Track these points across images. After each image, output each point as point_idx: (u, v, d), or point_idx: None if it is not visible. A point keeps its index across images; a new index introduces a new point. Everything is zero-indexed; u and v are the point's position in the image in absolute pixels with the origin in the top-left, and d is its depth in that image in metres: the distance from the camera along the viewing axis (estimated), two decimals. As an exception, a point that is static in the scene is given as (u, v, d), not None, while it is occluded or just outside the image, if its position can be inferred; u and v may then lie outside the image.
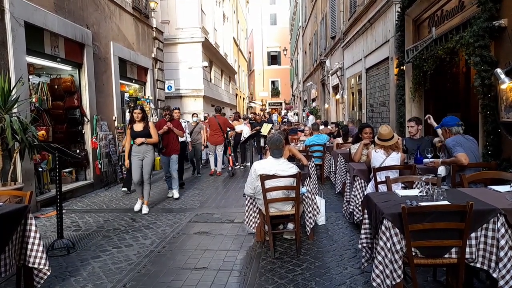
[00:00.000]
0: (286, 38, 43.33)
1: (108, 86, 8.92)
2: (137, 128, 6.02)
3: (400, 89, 8.16)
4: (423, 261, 2.64)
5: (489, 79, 4.68)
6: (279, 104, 45.80)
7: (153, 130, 6.07)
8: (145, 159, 6.00)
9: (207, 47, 17.29)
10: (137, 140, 5.95)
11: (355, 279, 3.37)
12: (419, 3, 7.15)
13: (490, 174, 3.76)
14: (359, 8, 11.48)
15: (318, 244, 4.29)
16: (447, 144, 4.08)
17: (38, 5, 6.41)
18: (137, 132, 6.00)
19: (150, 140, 6.02)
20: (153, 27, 11.87)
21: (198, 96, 16.32)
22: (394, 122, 8.51)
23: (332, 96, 17.52)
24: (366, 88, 11.38)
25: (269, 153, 4.18)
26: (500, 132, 4.67)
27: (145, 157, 6.01)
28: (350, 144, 6.47)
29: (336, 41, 15.37)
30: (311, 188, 4.45)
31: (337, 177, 6.86)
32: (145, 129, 6.00)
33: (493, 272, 2.52)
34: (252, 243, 4.40)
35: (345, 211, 5.22)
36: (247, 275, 3.52)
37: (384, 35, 9.16)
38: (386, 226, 2.60)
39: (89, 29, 8.07)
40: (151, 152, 6.10)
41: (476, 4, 4.95)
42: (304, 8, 27.39)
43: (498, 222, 2.52)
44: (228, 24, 24.99)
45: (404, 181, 4.04)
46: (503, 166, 4.49)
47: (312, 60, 23.99)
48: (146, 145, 6.02)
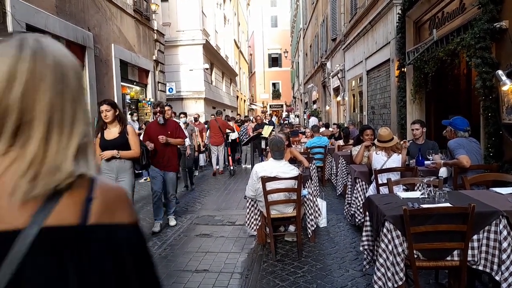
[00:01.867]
0: (287, 40, 43.37)
1: (109, 88, 8.94)
2: (108, 135, 4.05)
3: (401, 91, 8.16)
4: (425, 264, 2.63)
5: (490, 81, 4.67)
6: (280, 106, 45.80)
7: (133, 138, 4.10)
8: (120, 181, 4.05)
9: (208, 49, 17.31)
10: (104, 153, 3.97)
11: (356, 281, 3.35)
12: (420, 5, 7.15)
13: (492, 176, 3.75)
14: (359, 10, 11.49)
15: (320, 246, 4.28)
16: (449, 146, 4.07)
17: (39, 7, 6.43)
18: (108, 141, 4.02)
19: (125, 153, 4.04)
20: (154, 29, 11.89)
21: (199, 98, 16.34)
22: (395, 124, 8.50)
23: (333, 98, 17.51)
24: (367, 90, 11.37)
25: (270, 155, 4.17)
26: (502, 134, 4.65)
27: (119, 178, 4.08)
28: (351, 146, 6.47)
29: (337, 43, 15.38)
30: (312, 190, 4.44)
31: (338, 179, 6.85)
32: (121, 137, 4.05)
33: (496, 275, 2.50)
34: (253, 245, 4.39)
35: (347, 213, 5.21)
36: (249, 278, 3.51)
37: (385, 37, 9.16)
38: (388, 228, 2.59)
39: (91, 31, 8.09)
40: (129, 172, 4.19)
41: (477, 6, 4.95)
42: (304, 10, 27.43)
43: (500, 224, 2.51)
44: (229, 26, 25.03)
45: (405, 183, 4.04)
46: (505, 168, 4.47)
47: (313, 62, 24.00)
48: (120, 161, 4.06)
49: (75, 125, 0.66)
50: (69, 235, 0.60)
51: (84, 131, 0.67)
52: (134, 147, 4.10)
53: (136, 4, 10.46)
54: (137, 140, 4.21)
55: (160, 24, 12.43)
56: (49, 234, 0.59)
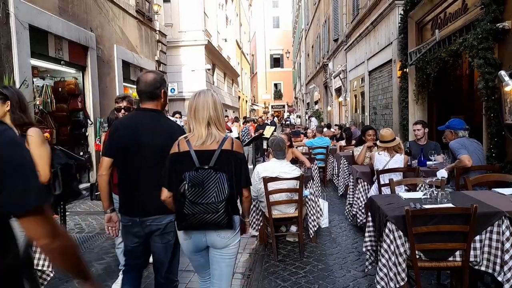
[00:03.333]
0: (288, 40, 43.40)
1: (111, 88, 8.96)
2: None
3: (403, 91, 8.15)
4: (427, 264, 2.63)
5: (493, 81, 4.66)
6: (282, 107, 45.81)
7: (36, 150, 2.37)
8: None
9: (210, 50, 17.33)
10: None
11: (358, 282, 3.35)
12: (422, 5, 7.15)
13: (494, 177, 3.74)
14: (361, 10, 11.48)
15: (321, 246, 4.28)
16: (451, 147, 4.06)
17: (42, 8, 6.45)
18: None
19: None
20: (156, 30, 11.92)
21: (201, 99, 16.34)
22: (398, 124, 8.49)
23: (335, 98, 17.50)
24: (369, 90, 11.36)
25: (272, 155, 4.17)
26: (504, 134, 4.64)
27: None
28: (353, 147, 6.46)
29: (339, 44, 15.38)
30: (314, 191, 4.44)
31: (340, 180, 6.85)
32: None
33: (498, 276, 2.50)
34: (255, 245, 4.39)
35: (348, 214, 5.21)
36: (250, 278, 3.51)
37: (387, 37, 9.15)
38: (390, 228, 2.58)
39: (93, 32, 8.11)
40: None
41: (480, 6, 4.94)
42: (306, 10, 27.44)
43: (503, 225, 2.51)
44: (231, 27, 25.06)
45: (407, 183, 4.03)
46: (507, 168, 4.46)
47: (314, 62, 24.00)
48: None
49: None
50: (228, 152, 2.06)
51: None
52: (40, 167, 2.30)
53: (138, 5, 10.49)
54: (45, 154, 2.46)
55: (162, 25, 12.46)
56: (223, 152, 2.05)
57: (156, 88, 2.27)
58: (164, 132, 2.25)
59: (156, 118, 2.29)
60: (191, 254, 2.23)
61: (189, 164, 2.01)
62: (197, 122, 2.07)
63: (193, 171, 1.96)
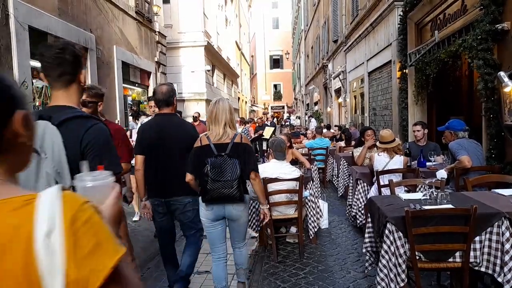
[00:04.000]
0: (288, 41, 43.43)
1: (111, 89, 8.95)
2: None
3: (402, 92, 8.15)
4: (427, 265, 2.63)
5: (492, 82, 4.66)
6: (281, 108, 45.82)
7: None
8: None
9: (210, 51, 17.33)
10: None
11: (358, 283, 3.35)
12: (422, 6, 7.15)
13: (494, 178, 3.74)
14: (361, 12, 11.49)
15: (321, 247, 4.27)
16: (450, 147, 4.07)
17: (42, 9, 6.45)
18: None
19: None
20: (156, 31, 11.92)
21: (201, 100, 16.35)
22: (397, 125, 8.49)
23: (334, 99, 17.51)
24: (368, 91, 11.37)
25: (272, 156, 4.17)
26: (504, 135, 4.64)
27: None
28: (353, 148, 6.46)
29: (338, 45, 15.39)
30: (314, 192, 4.44)
31: (340, 181, 6.85)
32: None
33: (498, 277, 2.50)
34: (254, 246, 4.38)
35: (348, 215, 5.21)
36: (250, 279, 3.51)
37: (387, 38, 9.16)
38: (390, 229, 2.58)
39: (93, 33, 8.11)
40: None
41: (479, 7, 4.94)
42: (306, 12, 27.46)
43: (503, 225, 2.51)
44: (230, 28, 25.07)
45: (407, 184, 4.03)
46: (507, 169, 4.46)
47: (314, 63, 24.01)
48: None
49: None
50: (239, 144, 2.72)
51: None
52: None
53: (138, 6, 10.49)
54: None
55: (162, 26, 12.46)
56: (235, 144, 2.71)
57: (170, 97, 2.95)
58: (179, 127, 2.97)
59: (173, 119, 2.99)
60: (211, 223, 2.83)
61: (210, 153, 2.68)
62: (216, 123, 2.75)
63: (213, 157, 2.63)
